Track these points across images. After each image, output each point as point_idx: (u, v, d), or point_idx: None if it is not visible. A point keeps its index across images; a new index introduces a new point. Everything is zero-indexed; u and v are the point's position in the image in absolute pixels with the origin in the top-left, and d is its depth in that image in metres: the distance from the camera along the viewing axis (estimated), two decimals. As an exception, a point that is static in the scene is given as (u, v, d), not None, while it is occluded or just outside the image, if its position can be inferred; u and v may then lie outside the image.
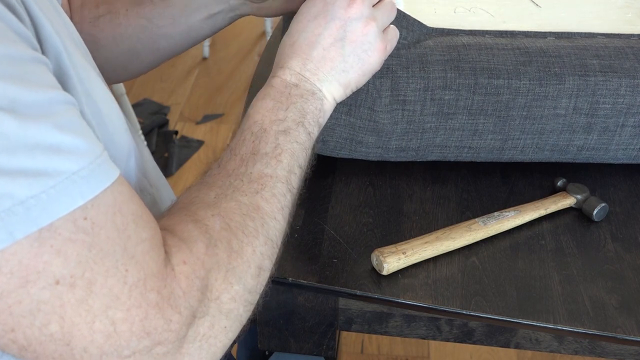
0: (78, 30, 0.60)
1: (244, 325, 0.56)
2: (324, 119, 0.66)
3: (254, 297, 0.56)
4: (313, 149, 0.65)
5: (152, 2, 0.82)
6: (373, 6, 0.67)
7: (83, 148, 0.45)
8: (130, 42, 0.83)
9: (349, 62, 0.66)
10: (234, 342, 0.63)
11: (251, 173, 0.58)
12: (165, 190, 0.73)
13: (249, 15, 0.84)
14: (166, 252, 0.50)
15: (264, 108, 0.63)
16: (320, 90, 0.65)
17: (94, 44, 0.80)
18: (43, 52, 0.48)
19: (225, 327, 0.53)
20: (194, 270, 0.50)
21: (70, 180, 0.44)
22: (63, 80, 0.50)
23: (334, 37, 0.65)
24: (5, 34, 0.43)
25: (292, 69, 0.65)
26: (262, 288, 0.58)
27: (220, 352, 0.53)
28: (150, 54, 0.85)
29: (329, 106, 0.66)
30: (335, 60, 0.65)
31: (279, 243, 0.60)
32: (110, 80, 0.84)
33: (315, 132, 0.65)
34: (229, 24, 0.85)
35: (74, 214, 0.44)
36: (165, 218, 0.56)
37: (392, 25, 0.69)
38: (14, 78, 0.42)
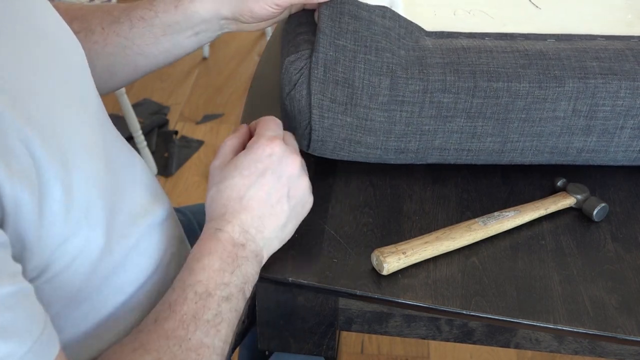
0: None
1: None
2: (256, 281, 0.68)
3: None
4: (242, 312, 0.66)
5: (129, 21, 0.79)
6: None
7: (5, 352, 0.44)
8: (107, 61, 0.80)
9: (290, 216, 0.68)
10: (236, 345, 0.63)
11: (190, 339, 0.58)
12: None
13: (234, 31, 0.83)
14: None
15: (211, 268, 0.63)
16: (262, 250, 0.67)
17: None
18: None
19: None
20: None
21: None
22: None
23: (281, 193, 0.67)
24: None
25: (241, 226, 0.65)
26: None
27: None
28: (127, 73, 0.83)
29: (262, 264, 0.68)
30: (280, 216, 0.67)
31: None
32: None
33: (248, 295, 0.66)
34: (214, 39, 0.84)
35: None
36: None
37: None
38: None
